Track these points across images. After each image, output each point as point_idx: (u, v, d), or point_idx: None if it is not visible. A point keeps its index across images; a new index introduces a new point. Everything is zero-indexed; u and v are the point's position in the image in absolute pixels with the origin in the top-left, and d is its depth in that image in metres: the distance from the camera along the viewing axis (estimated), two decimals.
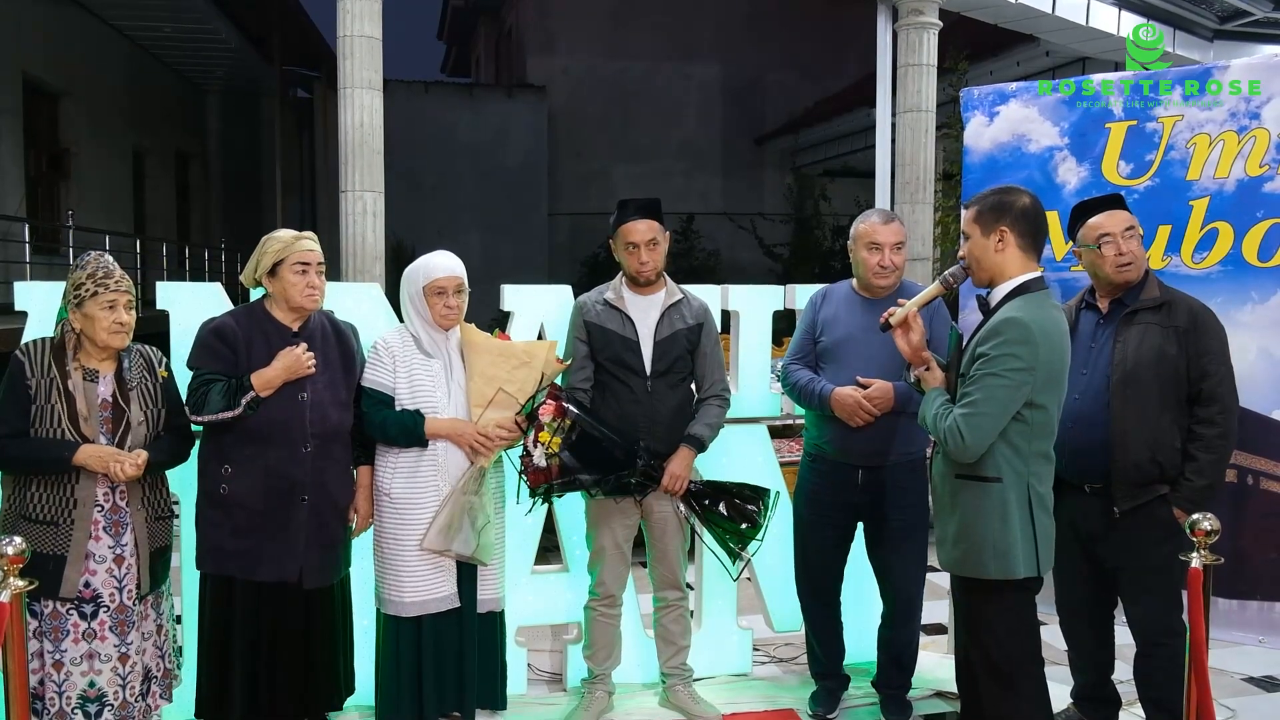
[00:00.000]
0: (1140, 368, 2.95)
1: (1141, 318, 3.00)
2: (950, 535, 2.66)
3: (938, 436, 2.61)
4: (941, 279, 2.74)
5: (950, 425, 2.54)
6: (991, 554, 2.57)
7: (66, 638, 2.67)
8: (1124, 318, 3.02)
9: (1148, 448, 2.94)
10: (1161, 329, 2.97)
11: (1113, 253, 3.01)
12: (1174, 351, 2.95)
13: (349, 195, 7.40)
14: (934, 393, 2.68)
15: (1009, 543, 2.56)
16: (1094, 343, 3.07)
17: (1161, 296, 3.02)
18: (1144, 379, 2.94)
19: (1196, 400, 2.96)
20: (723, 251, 19.05)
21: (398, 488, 3.07)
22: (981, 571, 2.60)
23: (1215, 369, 2.96)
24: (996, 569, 2.57)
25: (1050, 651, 3.66)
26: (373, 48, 7.30)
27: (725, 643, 3.82)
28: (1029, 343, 2.49)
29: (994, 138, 4.29)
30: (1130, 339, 2.99)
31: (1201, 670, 2.41)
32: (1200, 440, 2.95)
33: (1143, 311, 3.01)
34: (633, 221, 3.26)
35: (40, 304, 3.07)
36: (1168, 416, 2.96)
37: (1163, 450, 2.95)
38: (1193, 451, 2.95)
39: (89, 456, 2.63)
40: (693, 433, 3.29)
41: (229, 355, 2.87)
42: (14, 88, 12.22)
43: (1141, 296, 3.03)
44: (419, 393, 3.08)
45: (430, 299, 3.08)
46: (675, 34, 20.96)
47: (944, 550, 2.71)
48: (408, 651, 3.08)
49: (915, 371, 2.76)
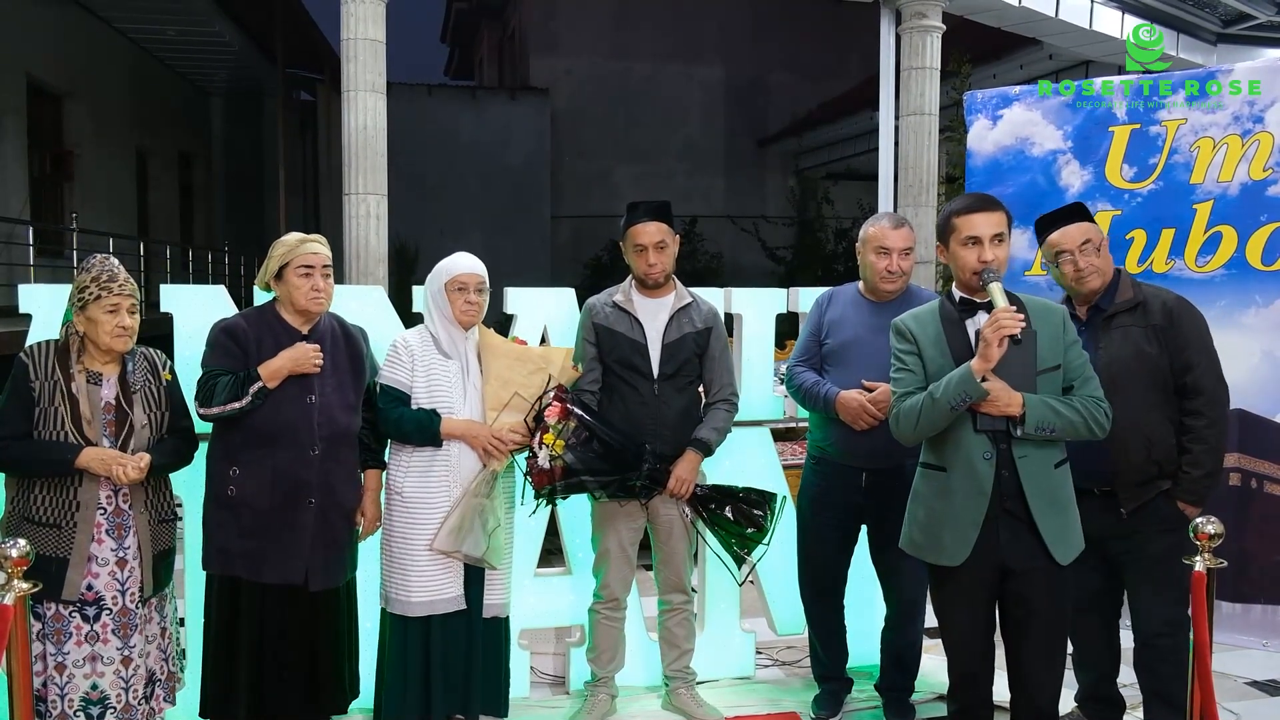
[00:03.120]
0: (1124, 370, 2.96)
1: (1119, 320, 3.02)
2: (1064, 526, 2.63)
3: (1084, 426, 2.58)
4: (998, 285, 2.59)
5: (1104, 408, 2.61)
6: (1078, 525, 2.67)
7: (69, 640, 2.67)
8: (1102, 322, 3.04)
9: (1143, 447, 2.97)
10: (1139, 329, 3.00)
11: (1070, 269, 3.04)
12: (1154, 349, 2.97)
13: (352, 198, 7.42)
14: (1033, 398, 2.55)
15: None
16: None
17: (1135, 297, 3.04)
18: (1129, 380, 2.96)
19: (1183, 393, 2.98)
20: (725, 254, 19.05)
21: (410, 486, 3.07)
22: (1081, 545, 2.68)
23: (1197, 359, 2.98)
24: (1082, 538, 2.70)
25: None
26: (376, 50, 7.32)
27: (728, 645, 3.81)
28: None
29: (997, 141, 4.29)
30: (1112, 343, 3.01)
31: (1205, 674, 2.41)
32: (1191, 432, 2.97)
33: (1120, 314, 3.03)
34: (642, 224, 3.27)
35: (44, 307, 3.07)
36: (1158, 414, 2.98)
37: (1158, 448, 2.97)
38: (1186, 444, 2.97)
39: (91, 459, 2.63)
40: (699, 436, 3.29)
41: (239, 354, 2.88)
42: (17, 89, 12.24)
43: (1116, 300, 3.05)
44: (436, 393, 3.09)
45: (451, 294, 3.10)
46: (678, 36, 20.97)
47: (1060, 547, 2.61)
48: (414, 652, 3.08)
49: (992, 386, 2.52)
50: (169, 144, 17.90)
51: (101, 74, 14.61)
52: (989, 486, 2.58)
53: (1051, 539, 2.60)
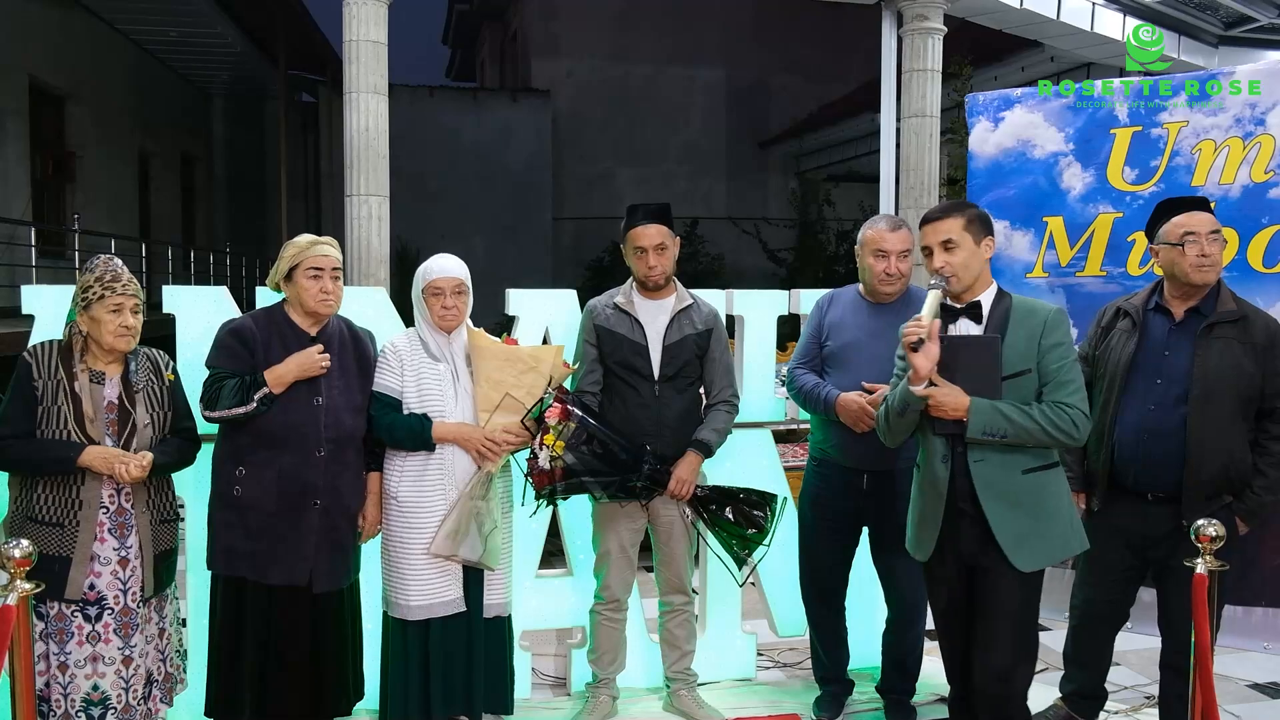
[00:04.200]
0: (1220, 382, 2.94)
1: (1220, 331, 2.98)
2: (1024, 534, 2.63)
3: (1047, 433, 2.57)
4: (939, 288, 2.67)
5: (1076, 414, 2.59)
6: (1072, 532, 2.71)
7: (71, 640, 2.68)
8: (1203, 330, 2.98)
9: (1222, 462, 2.96)
10: (1240, 345, 2.96)
11: (1195, 252, 2.96)
12: (1251, 369, 2.95)
13: (354, 199, 7.42)
14: (984, 403, 2.57)
15: (1075, 516, 2.73)
16: (1167, 350, 3.03)
17: (1239, 310, 3.01)
18: (1223, 393, 2.94)
19: (1269, 415, 2.98)
20: (726, 256, 19.03)
21: (405, 491, 3.07)
22: (1067, 553, 2.72)
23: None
24: (1079, 543, 2.72)
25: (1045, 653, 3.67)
26: (378, 52, 7.33)
27: (729, 647, 3.81)
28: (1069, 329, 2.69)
29: (999, 143, 4.29)
30: (1212, 353, 2.96)
31: (1207, 676, 2.41)
32: (1272, 456, 2.97)
33: (1221, 325, 2.98)
34: (642, 226, 3.27)
35: (47, 307, 3.08)
36: (1240, 430, 2.98)
37: (1235, 465, 2.97)
38: (1263, 467, 2.97)
39: (94, 458, 2.64)
40: (700, 438, 3.30)
41: (246, 356, 2.89)
42: (20, 91, 12.26)
43: (1218, 309, 3.00)
44: (427, 397, 3.08)
45: (428, 300, 3.09)
46: (679, 38, 20.98)
47: (1021, 552, 2.61)
48: (415, 654, 3.08)
49: (921, 390, 2.60)
50: (171, 145, 17.93)
51: (104, 76, 14.63)
52: (944, 488, 2.69)
53: (1009, 543, 2.62)
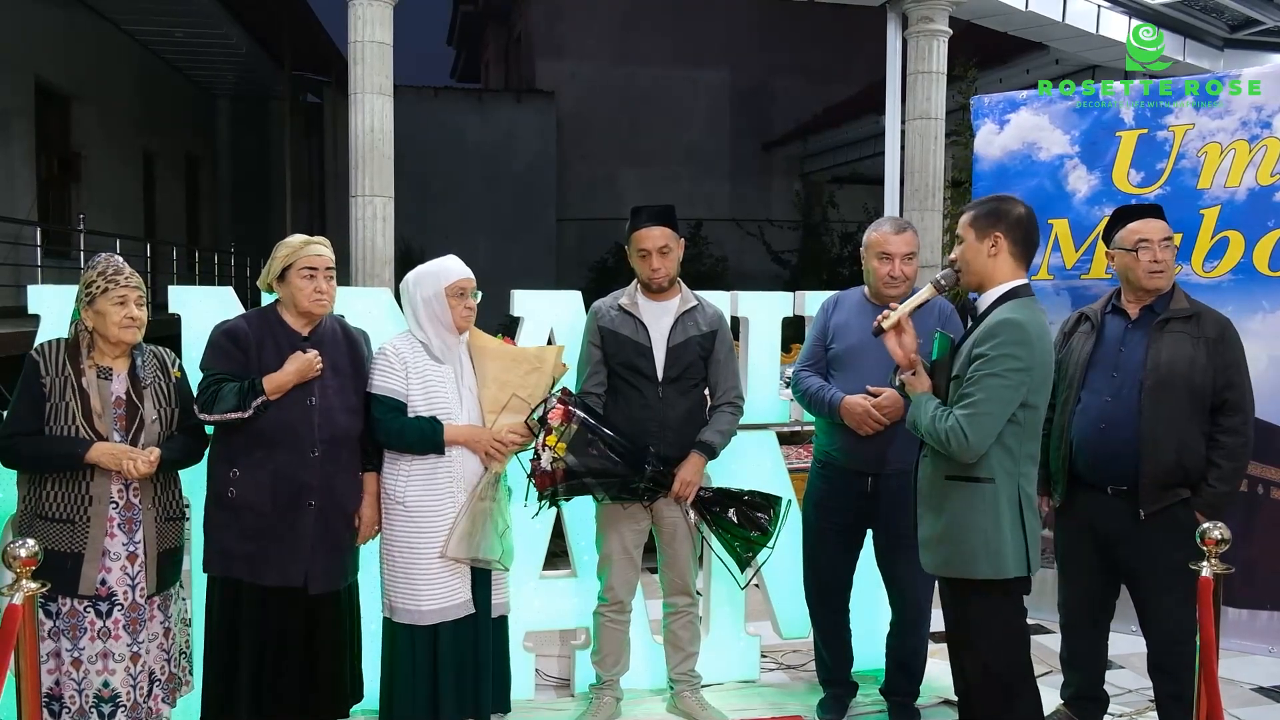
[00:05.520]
0: (1173, 375, 3.03)
1: (1173, 326, 3.09)
2: (935, 537, 2.70)
3: (936, 438, 2.61)
4: (933, 281, 2.75)
5: (953, 425, 2.55)
6: (984, 553, 2.61)
7: (84, 635, 2.68)
8: (1156, 325, 3.09)
9: (1175, 452, 3.03)
10: (1192, 339, 3.06)
11: (1148, 258, 3.09)
12: (1204, 362, 3.04)
13: (359, 200, 7.43)
14: (923, 397, 2.70)
15: (1000, 542, 2.60)
16: (1123, 346, 3.14)
17: (1191, 308, 3.12)
18: (1176, 386, 3.03)
19: (1220, 409, 3.05)
20: (730, 258, 19.02)
21: (412, 495, 3.02)
22: (971, 572, 2.63)
23: (1239, 380, 3.07)
24: (989, 568, 2.61)
25: (1044, 653, 3.66)
26: (383, 53, 7.33)
27: (733, 649, 3.81)
28: (1026, 343, 2.55)
29: (1004, 145, 4.29)
30: (1164, 346, 3.06)
31: (1211, 680, 2.40)
32: (1224, 448, 3.04)
33: (1174, 320, 3.09)
34: (646, 228, 3.27)
35: (53, 307, 3.08)
36: (1194, 423, 3.05)
37: (1189, 455, 3.03)
38: (1216, 459, 3.04)
39: (102, 454, 2.64)
40: (704, 439, 3.29)
41: (240, 357, 2.88)
42: (25, 91, 12.28)
43: (1171, 306, 3.11)
44: (434, 399, 3.05)
45: (452, 300, 3.06)
46: (683, 40, 20.97)
47: (928, 552, 2.74)
48: (424, 658, 3.04)
49: (902, 375, 2.78)
50: (176, 146, 17.95)
51: (109, 76, 14.65)
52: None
53: (921, 540, 2.75)
